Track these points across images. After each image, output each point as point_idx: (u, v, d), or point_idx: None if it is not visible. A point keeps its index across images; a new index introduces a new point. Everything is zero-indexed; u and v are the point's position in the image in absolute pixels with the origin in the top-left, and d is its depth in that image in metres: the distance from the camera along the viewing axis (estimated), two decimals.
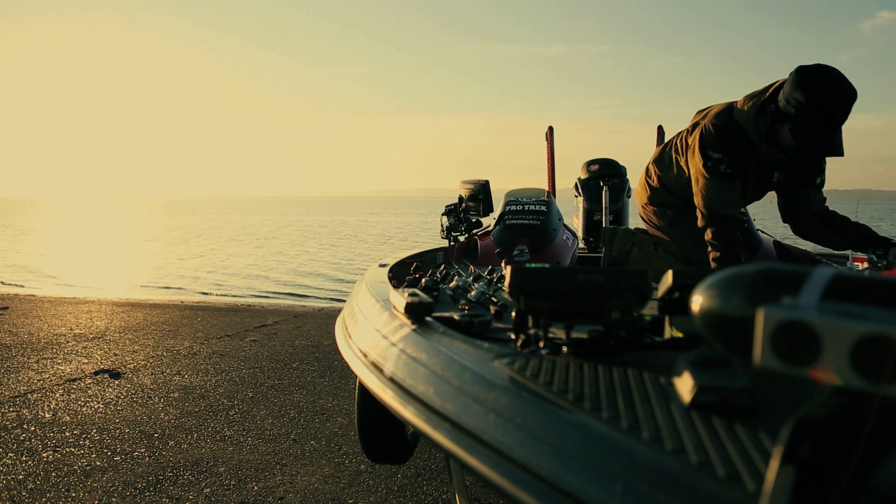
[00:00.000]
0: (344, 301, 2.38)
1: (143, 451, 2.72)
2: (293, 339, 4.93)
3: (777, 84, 2.20)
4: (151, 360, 4.22)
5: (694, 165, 2.40)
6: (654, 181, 2.68)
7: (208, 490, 2.37)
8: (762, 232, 3.22)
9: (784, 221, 2.56)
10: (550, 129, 5.08)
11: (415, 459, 2.63)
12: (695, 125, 2.48)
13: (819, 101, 2.00)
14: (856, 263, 2.72)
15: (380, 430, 2.13)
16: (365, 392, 2.01)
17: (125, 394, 3.50)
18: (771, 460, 0.44)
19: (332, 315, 6.14)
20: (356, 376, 2.04)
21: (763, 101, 2.21)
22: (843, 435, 0.44)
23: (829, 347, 0.45)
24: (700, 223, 2.39)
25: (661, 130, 3.85)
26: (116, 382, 3.72)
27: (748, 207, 3.03)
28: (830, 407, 0.45)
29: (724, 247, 2.33)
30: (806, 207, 2.48)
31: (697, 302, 0.60)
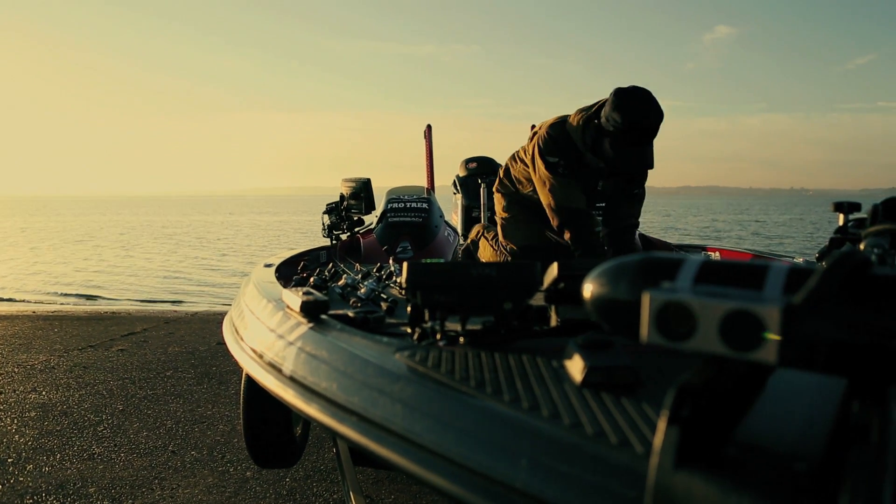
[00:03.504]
0: (222, 304, 2.31)
1: None
2: (166, 347, 4.67)
3: (602, 101, 2.45)
4: (0, 379, 3.84)
5: (537, 171, 2.59)
6: (503, 175, 2.89)
7: None
8: None
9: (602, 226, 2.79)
10: (429, 127, 5.17)
11: (303, 462, 2.59)
12: (534, 135, 2.69)
13: (632, 122, 2.27)
14: (709, 253, 3.05)
15: (267, 433, 2.09)
16: (252, 394, 1.96)
17: None
18: (658, 422, 0.50)
19: (208, 319, 5.87)
20: (244, 379, 2.00)
21: (589, 115, 2.46)
22: (717, 396, 0.51)
23: (703, 323, 0.52)
24: (554, 224, 2.58)
25: (534, 129, 4.04)
26: None
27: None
28: (706, 374, 0.52)
29: (583, 241, 2.52)
30: (615, 218, 2.68)
31: (588, 289, 0.66)
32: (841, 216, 1.57)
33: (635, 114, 2.27)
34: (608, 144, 2.35)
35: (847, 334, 0.50)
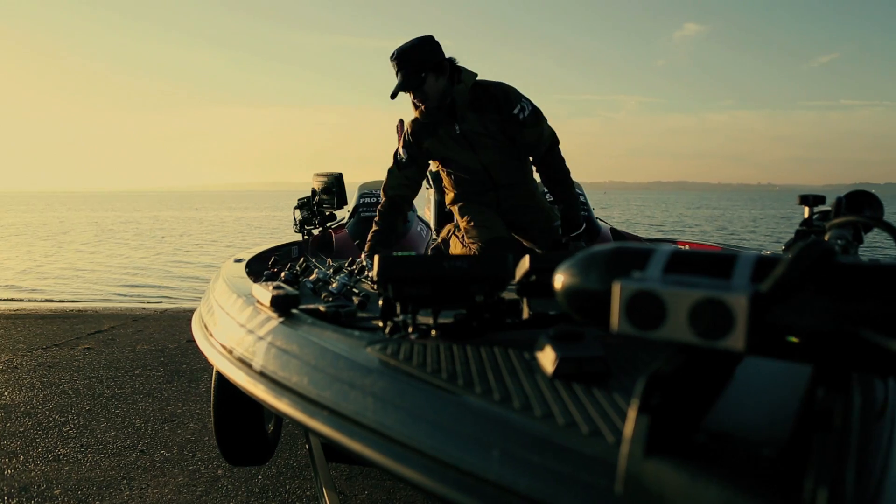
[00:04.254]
0: (191, 300, 2.27)
1: None
2: (134, 345, 4.59)
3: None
4: None
5: None
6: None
7: None
8: (601, 220, 3.54)
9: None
10: (401, 121, 5.13)
11: (275, 459, 2.57)
12: None
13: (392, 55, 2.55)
14: (680, 246, 3.10)
15: (239, 430, 2.07)
16: (223, 391, 1.94)
17: None
18: (629, 411, 0.50)
19: (177, 317, 5.78)
20: (214, 375, 1.97)
21: None
22: (686, 385, 0.52)
23: (672, 311, 0.52)
24: None
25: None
26: None
27: (588, 198, 3.33)
28: (675, 362, 0.52)
29: (377, 225, 2.70)
30: (529, 147, 2.69)
31: (560, 280, 0.66)
32: (806, 209, 1.60)
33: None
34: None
35: (812, 321, 0.51)
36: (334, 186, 3.47)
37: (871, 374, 0.66)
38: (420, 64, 2.49)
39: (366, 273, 2.00)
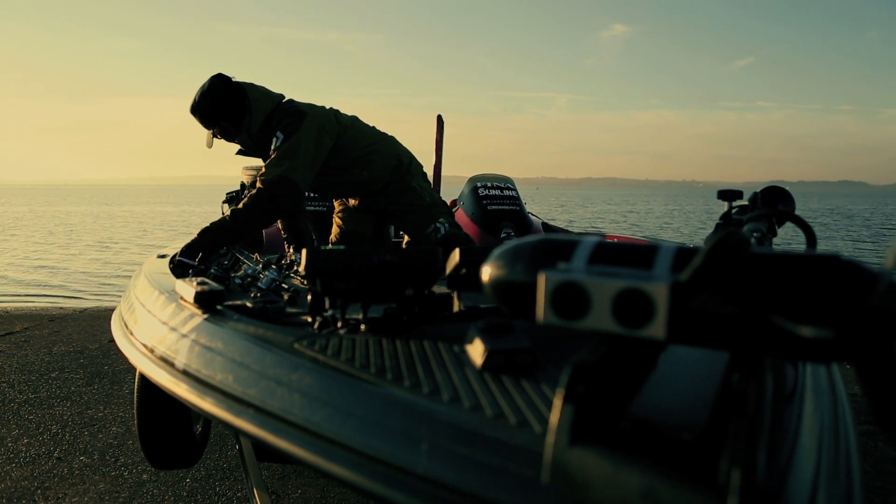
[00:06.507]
0: (111, 299, 2.17)
1: None
2: (50, 346, 4.35)
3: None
4: None
5: None
6: None
7: None
8: (532, 215, 3.63)
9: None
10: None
11: (204, 460, 2.49)
12: None
13: None
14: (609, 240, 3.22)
15: (164, 432, 1.99)
16: (146, 392, 1.86)
17: None
18: (554, 400, 0.51)
19: (98, 316, 5.52)
20: (137, 376, 1.89)
21: None
22: (611, 373, 0.52)
23: (596, 302, 0.53)
24: None
25: (440, 120, 4.04)
26: None
27: (520, 195, 3.40)
28: (599, 351, 0.53)
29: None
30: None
31: (487, 272, 0.66)
32: (726, 204, 1.67)
33: None
34: None
35: (727, 309, 0.53)
36: None
37: (783, 359, 0.69)
38: (213, 115, 2.44)
39: (295, 268, 1.96)
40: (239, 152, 2.62)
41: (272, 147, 2.41)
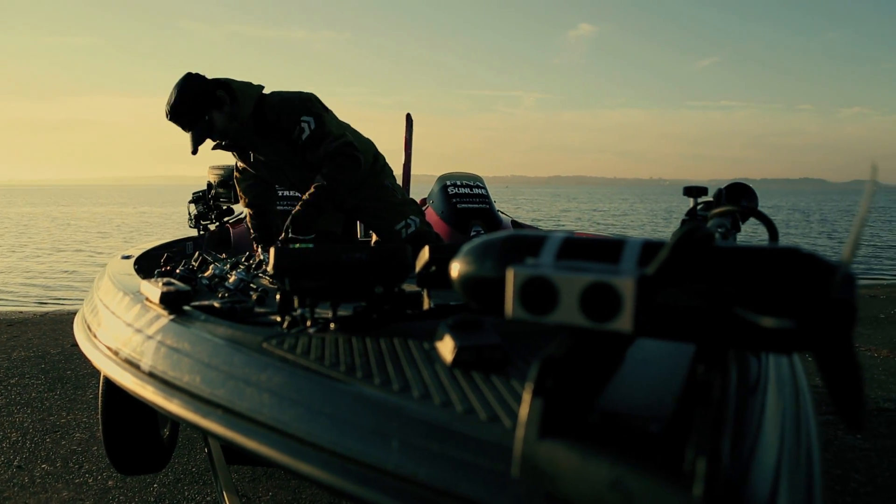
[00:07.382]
0: (75, 302, 2.12)
1: None
2: (9, 352, 4.23)
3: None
4: None
5: None
6: None
7: None
8: (502, 213, 3.65)
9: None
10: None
11: (172, 464, 2.45)
12: None
13: None
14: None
15: (130, 437, 1.95)
16: (111, 396, 1.83)
17: None
18: (523, 395, 0.51)
19: (59, 320, 5.39)
20: (102, 380, 1.85)
21: None
22: (579, 367, 0.53)
23: (564, 296, 0.53)
24: None
25: (409, 119, 4.03)
26: None
27: (491, 195, 3.43)
28: (567, 345, 0.53)
29: None
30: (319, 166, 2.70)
31: (456, 268, 0.66)
32: (691, 200, 1.70)
33: None
34: None
35: (692, 302, 0.54)
36: (231, 179, 3.34)
37: (746, 350, 0.70)
38: (198, 109, 2.35)
39: (263, 267, 1.94)
40: (216, 147, 2.55)
41: (307, 130, 2.45)
